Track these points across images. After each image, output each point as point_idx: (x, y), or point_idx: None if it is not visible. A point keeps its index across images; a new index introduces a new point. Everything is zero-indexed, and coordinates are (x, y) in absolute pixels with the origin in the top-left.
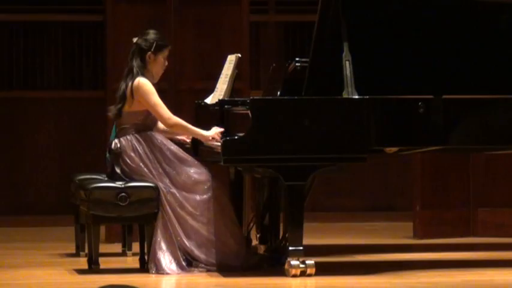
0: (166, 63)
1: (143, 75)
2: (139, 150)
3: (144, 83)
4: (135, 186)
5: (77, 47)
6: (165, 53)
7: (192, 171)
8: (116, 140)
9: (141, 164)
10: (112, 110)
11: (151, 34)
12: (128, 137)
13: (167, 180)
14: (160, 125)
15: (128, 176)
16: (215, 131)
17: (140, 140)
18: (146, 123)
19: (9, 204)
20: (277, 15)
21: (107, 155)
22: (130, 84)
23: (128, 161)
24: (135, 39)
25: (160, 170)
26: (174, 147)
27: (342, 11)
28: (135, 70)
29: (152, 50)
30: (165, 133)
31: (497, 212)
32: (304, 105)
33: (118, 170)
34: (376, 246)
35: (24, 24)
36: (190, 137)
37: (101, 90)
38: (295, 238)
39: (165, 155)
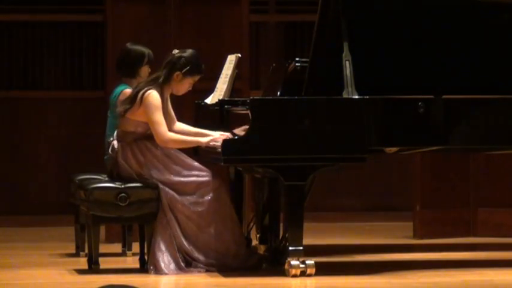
0: (191, 88)
1: (162, 88)
2: (133, 160)
3: (153, 97)
4: (135, 187)
5: (77, 47)
6: (194, 78)
7: (195, 174)
8: (115, 142)
9: (134, 175)
10: (120, 107)
11: (189, 55)
12: (125, 145)
13: (166, 187)
14: None
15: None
16: (214, 136)
17: (136, 150)
18: (147, 134)
19: (9, 204)
20: (277, 15)
21: (106, 155)
22: (142, 92)
23: (123, 167)
24: (176, 51)
25: (157, 178)
26: (174, 153)
27: (342, 10)
28: (159, 80)
29: (182, 71)
30: None
31: (497, 212)
32: (304, 105)
33: (115, 174)
34: (376, 246)
35: (24, 24)
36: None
37: (101, 90)
38: (295, 238)
39: (166, 162)
